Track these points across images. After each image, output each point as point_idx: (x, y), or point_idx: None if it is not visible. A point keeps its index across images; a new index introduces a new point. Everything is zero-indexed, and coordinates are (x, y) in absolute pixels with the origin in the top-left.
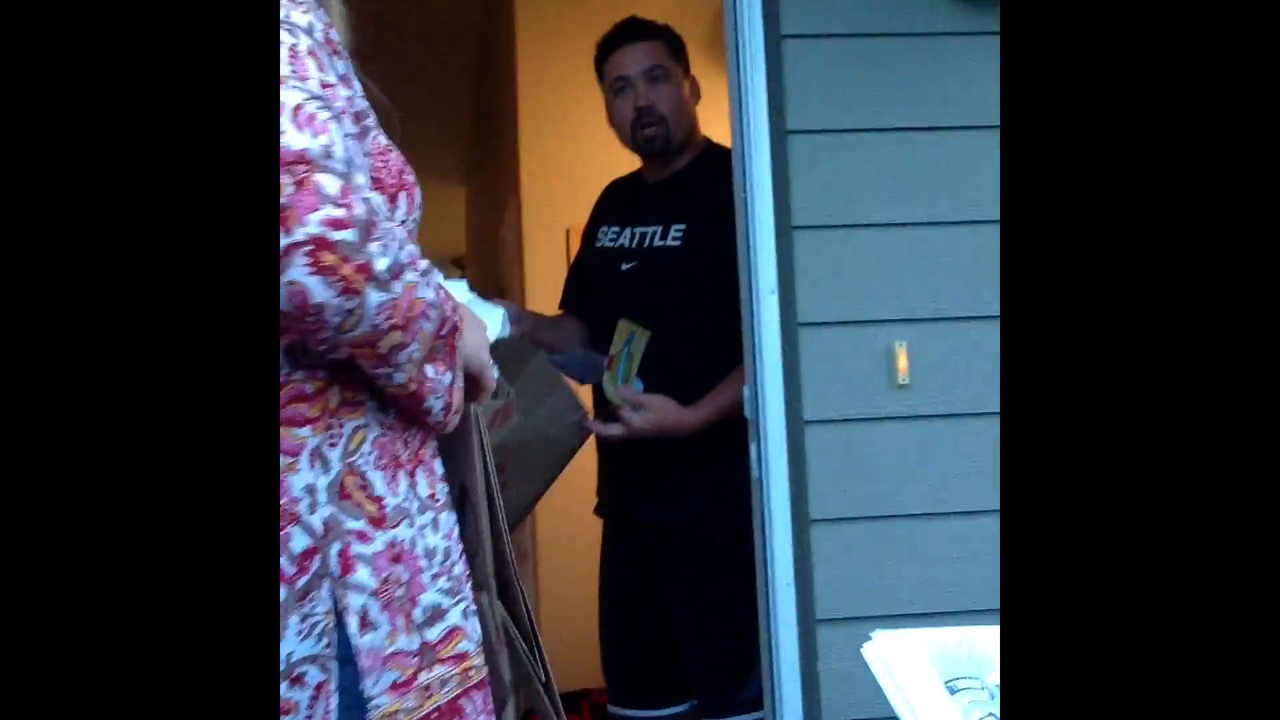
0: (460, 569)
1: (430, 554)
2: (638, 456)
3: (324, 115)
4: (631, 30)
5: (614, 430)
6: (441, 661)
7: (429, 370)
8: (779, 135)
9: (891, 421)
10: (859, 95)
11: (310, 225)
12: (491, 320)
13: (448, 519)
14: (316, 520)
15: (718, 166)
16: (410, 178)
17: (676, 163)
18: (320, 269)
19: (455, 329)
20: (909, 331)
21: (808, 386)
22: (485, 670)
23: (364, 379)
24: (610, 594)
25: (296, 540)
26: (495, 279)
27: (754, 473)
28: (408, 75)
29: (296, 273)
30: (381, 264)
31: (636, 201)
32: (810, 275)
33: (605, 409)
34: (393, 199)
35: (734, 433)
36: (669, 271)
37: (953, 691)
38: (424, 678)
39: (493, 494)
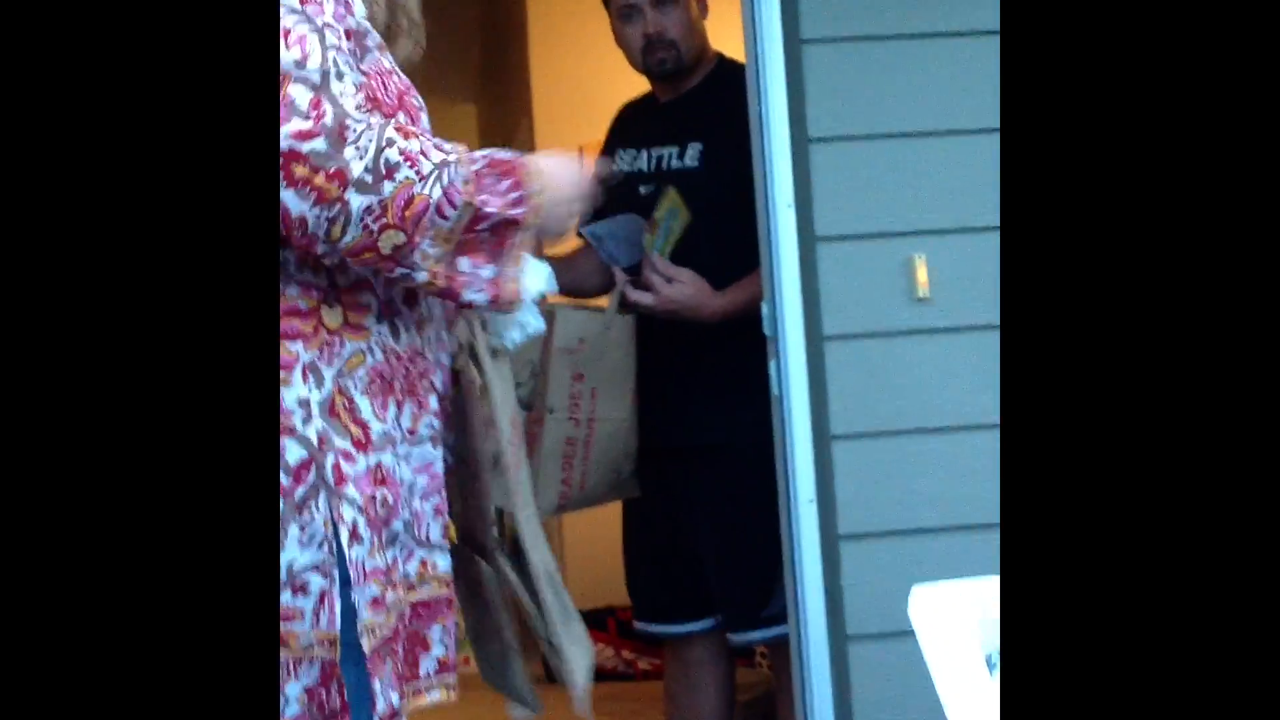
0: (421, 505)
1: (402, 483)
2: (661, 378)
3: (302, 28)
4: None
5: (645, 298)
6: (393, 586)
7: (463, 264)
8: (793, 44)
9: (912, 335)
10: (876, 2)
11: (281, 140)
12: (537, 276)
13: (421, 454)
14: (311, 433)
15: (731, 82)
16: (413, 100)
17: (689, 81)
18: (292, 182)
19: (509, 223)
20: (928, 244)
21: (826, 301)
22: (404, 604)
23: (373, 302)
24: (634, 513)
25: (291, 452)
26: None
27: (773, 389)
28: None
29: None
30: (357, 167)
31: (651, 123)
32: (827, 188)
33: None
34: (390, 119)
35: (757, 353)
36: (688, 193)
37: (993, 667)
38: (390, 597)
39: (501, 462)
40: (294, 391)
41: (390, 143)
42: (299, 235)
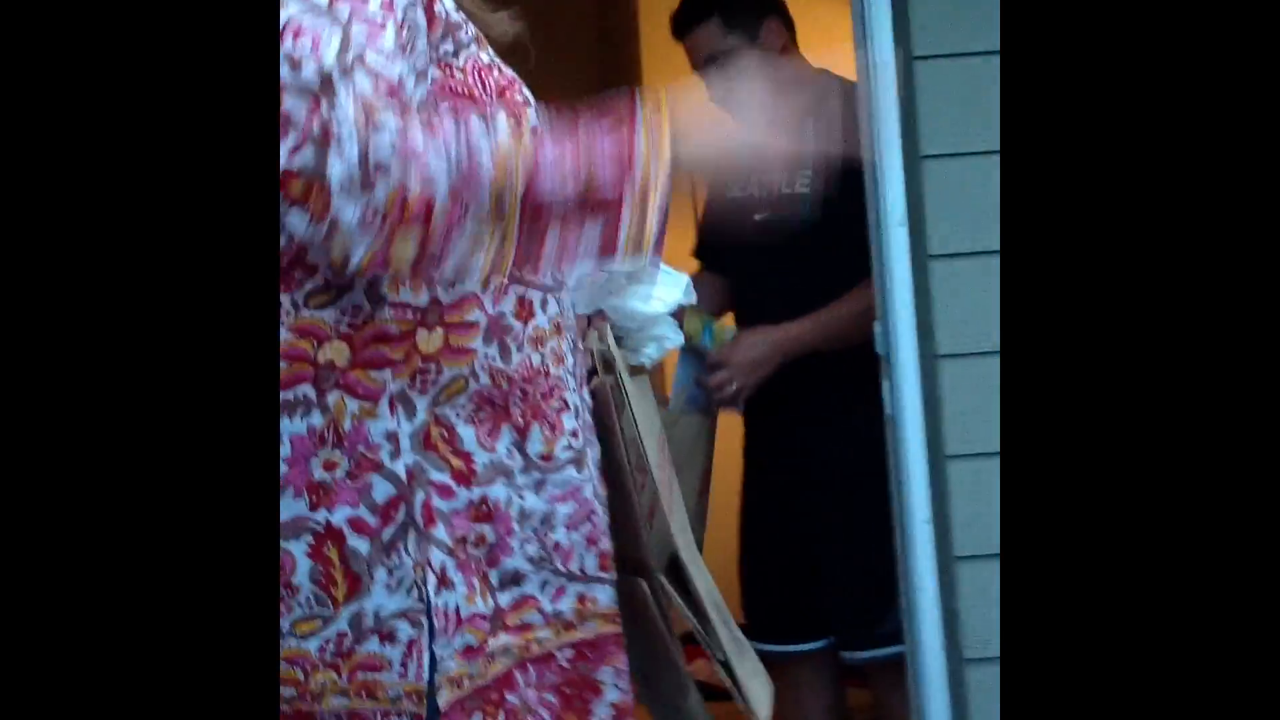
0: (568, 536)
1: (525, 516)
2: (774, 395)
3: (314, 25)
4: (681, 21)
5: (727, 396)
6: (507, 630)
7: (549, 240)
8: (905, 61)
9: None
10: (989, 16)
11: (282, 159)
12: (675, 288)
13: (563, 480)
14: (400, 467)
15: (834, 104)
16: (519, 97)
17: None
18: (292, 200)
19: (602, 204)
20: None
21: (940, 319)
22: (550, 645)
23: (481, 319)
24: (750, 529)
25: (379, 489)
26: None
27: (886, 409)
28: (525, 8)
29: (286, 214)
30: (337, 170)
31: None
32: (940, 206)
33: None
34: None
35: (867, 368)
36: (801, 219)
37: None
38: (491, 644)
39: (647, 472)
40: (380, 424)
41: (373, 137)
42: (312, 259)
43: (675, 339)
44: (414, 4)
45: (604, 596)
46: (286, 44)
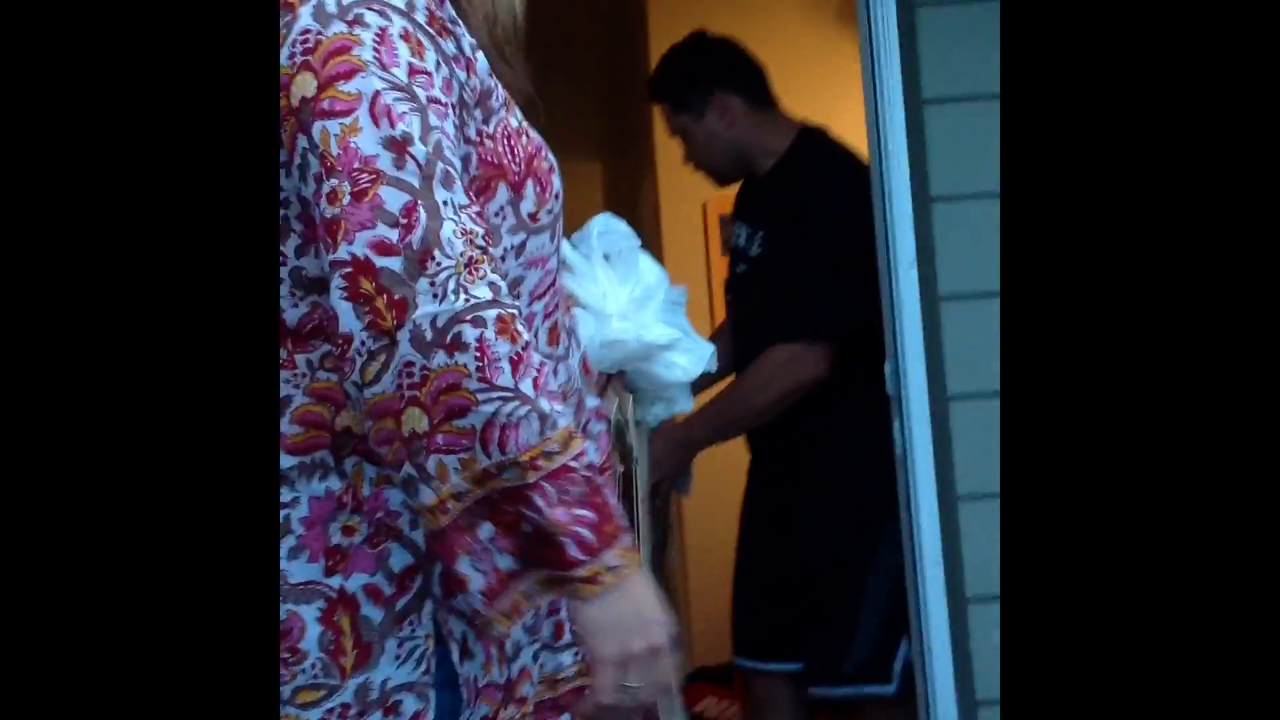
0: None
1: None
2: (764, 433)
3: (404, 107)
4: (651, 92)
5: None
6: (514, 702)
7: (483, 531)
8: (914, 105)
9: None
10: (995, 60)
11: (356, 244)
12: (700, 358)
13: None
14: (419, 536)
15: (803, 160)
16: (544, 164)
17: (762, 165)
18: (354, 295)
19: (557, 552)
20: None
21: (951, 360)
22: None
23: None
24: (740, 551)
25: (396, 557)
26: None
27: (896, 449)
28: (539, 48)
29: (332, 295)
30: (425, 309)
31: (746, 197)
32: (950, 247)
33: None
34: (516, 187)
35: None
36: (753, 282)
37: None
38: (501, 716)
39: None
40: (399, 492)
41: (476, 319)
42: (338, 351)
43: (685, 404)
44: (465, 79)
45: (567, 659)
46: (383, 124)
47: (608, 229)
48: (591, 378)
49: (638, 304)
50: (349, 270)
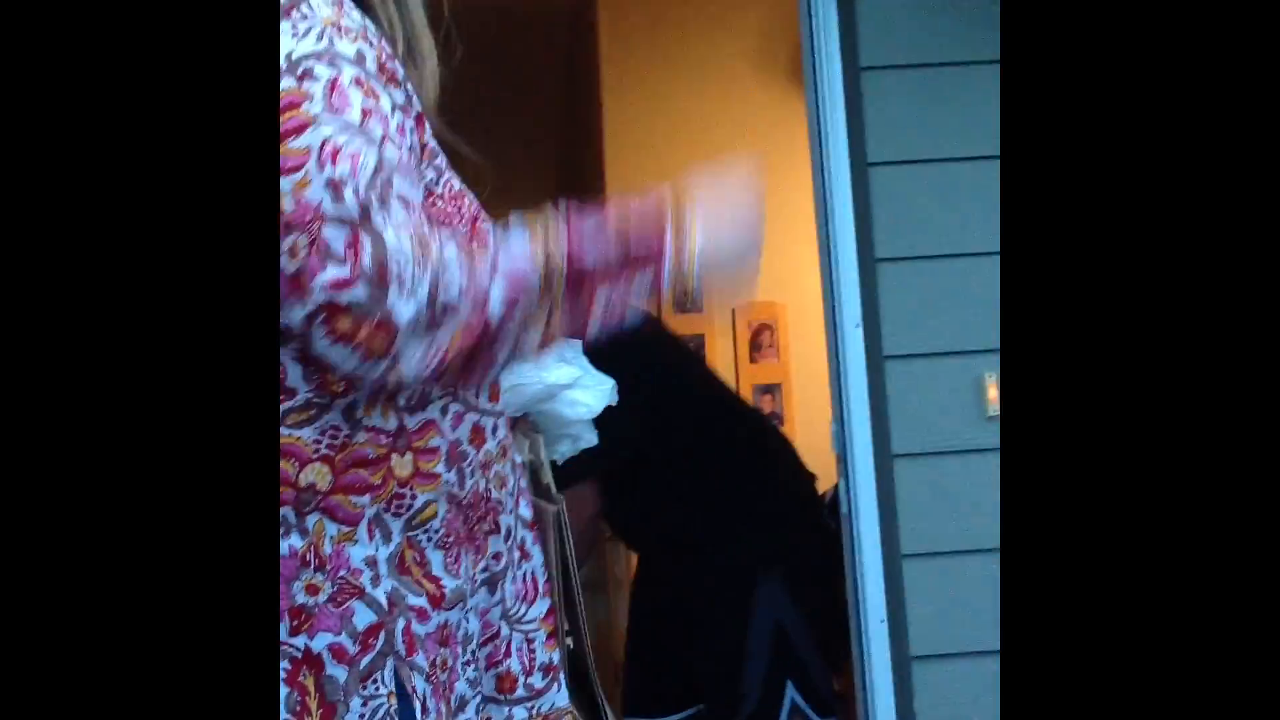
0: (482, 653)
1: (467, 639)
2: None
3: (352, 146)
4: None
5: None
6: None
7: (598, 302)
8: (860, 167)
9: (983, 453)
10: (940, 125)
11: (317, 291)
12: (600, 392)
13: (483, 599)
14: (380, 594)
15: None
16: (486, 225)
17: None
18: (338, 337)
19: (638, 260)
20: (999, 362)
21: (895, 420)
22: None
23: (441, 445)
24: (632, 610)
25: (360, 615)
26: None
27: (842, 508)
28: (497, 105)
29: (319, 346)
30: (407, 312)
31: None
32: (895, 308)
33: None
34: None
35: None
36: None
37: None
38: None
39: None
40: (360, 549)
41: (449, 273)
42: (361, 386)
43: (590, 439)
44: (414, 129)
45: (497, 716)
46: (326, 168)
47: None
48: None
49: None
50: (323, 317)
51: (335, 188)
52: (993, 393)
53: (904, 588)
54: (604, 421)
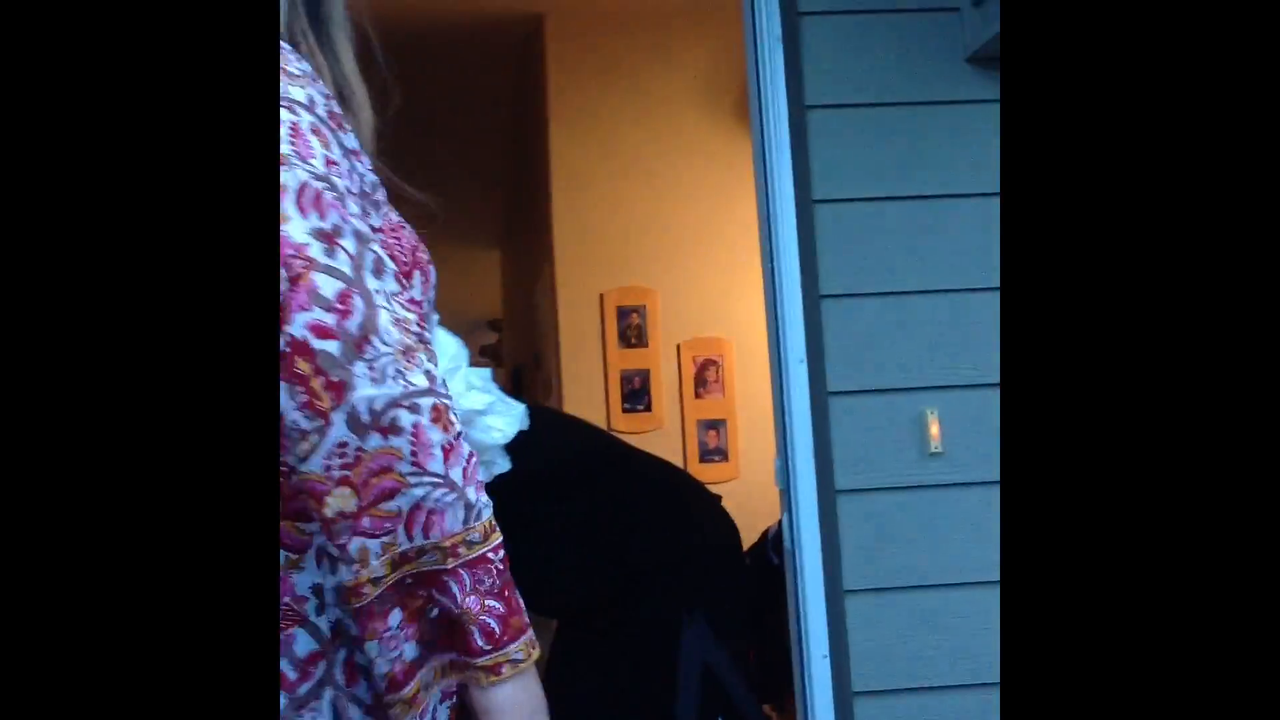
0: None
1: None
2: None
3: (329, 197)
4: None
5: None
6: None
7: (393, 618)
8: (804, 204)
9: (925, 490)
10: (884, 163)
11: (295, 326)
12: (513, 417)
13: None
14: (324, 623)
15: None
16: (424, 255)
17: None
18: (289, 376)
19: (462, 634)
20: (941, 399)
21: (839, 456)
22: None
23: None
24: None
25: (301, 643)
26: (531, 342)
27: (786, 543)
28: (444, 136)
29: None
30: (363, 392)
31: None
32: (838, 344)
33: None
34: (406, 277)
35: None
36: None
37: None
38: None
39: None
40: (306, 577)
41: (413, 405)
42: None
43: (503, 465)
44: (364, 176)
45: None
46: (310, 215)
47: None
48: None
49: (448, 375)
50: (286, 351)
51: (327, 240)
52: (934, 429)
53: (846, 623)
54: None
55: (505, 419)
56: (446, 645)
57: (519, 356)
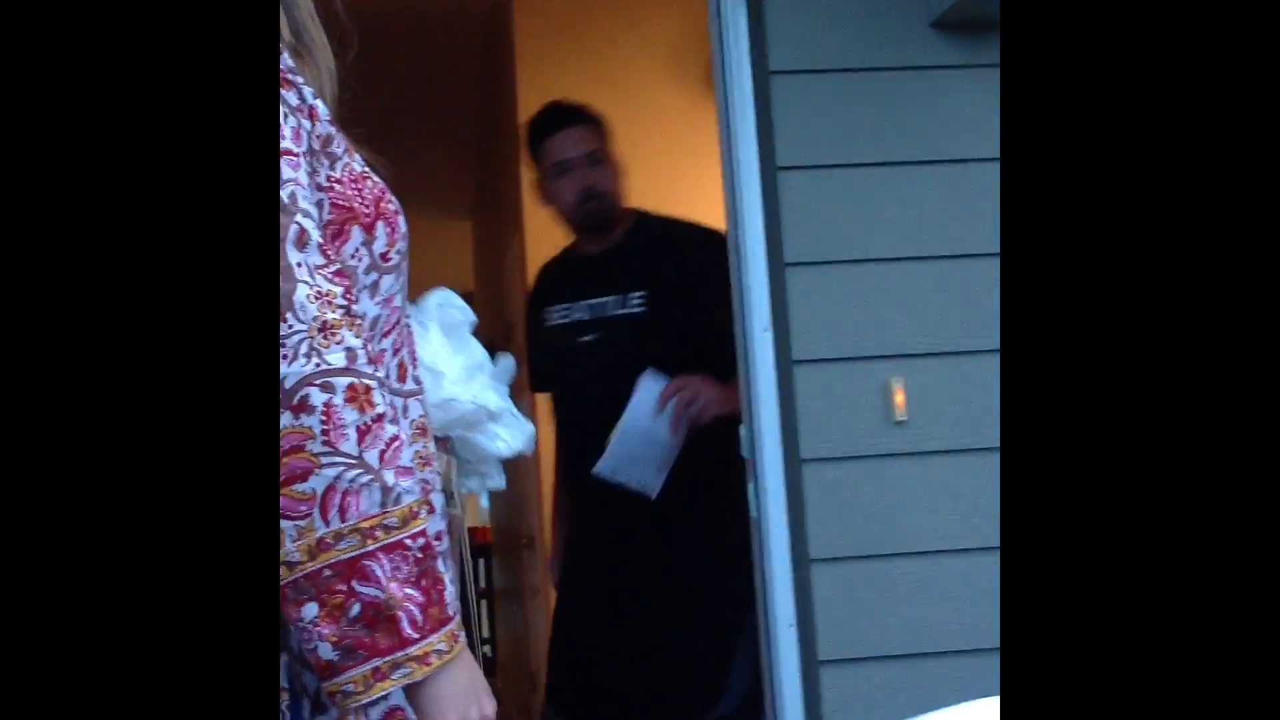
0: None
1: None
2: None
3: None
4: (569, 115)
5: (687, 394)
6: None
7: (307, 611)
8: (769, 172)
9: (890, 459)
10: (849, 130)
11: None
12: (522, 434)
13: None
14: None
15: (657, 234)
16: (391, 205)
17: (613, 235)
18: None
19: (387, 621)
20: (906, 367)
21: (804, 425)
22: None
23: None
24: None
25: None
26: (503, 314)
27: (751, 512)
28: (412, 108)
29: None
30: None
31: (582, 276)
32: (804, 312)
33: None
34: (368, 229)
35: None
36: (633, 338)
37: None
38: None
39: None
40: None
41: (325, 384)
42: None
43: (499, 481)
44: (312, 131)
45: None
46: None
47: (445, 302)
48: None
49: (469, 372)
50: None
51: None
52: (899, 398)
53: (812, 592)
54: None
55: (513, 433)
56: (369, 648)
57: (491, 329)
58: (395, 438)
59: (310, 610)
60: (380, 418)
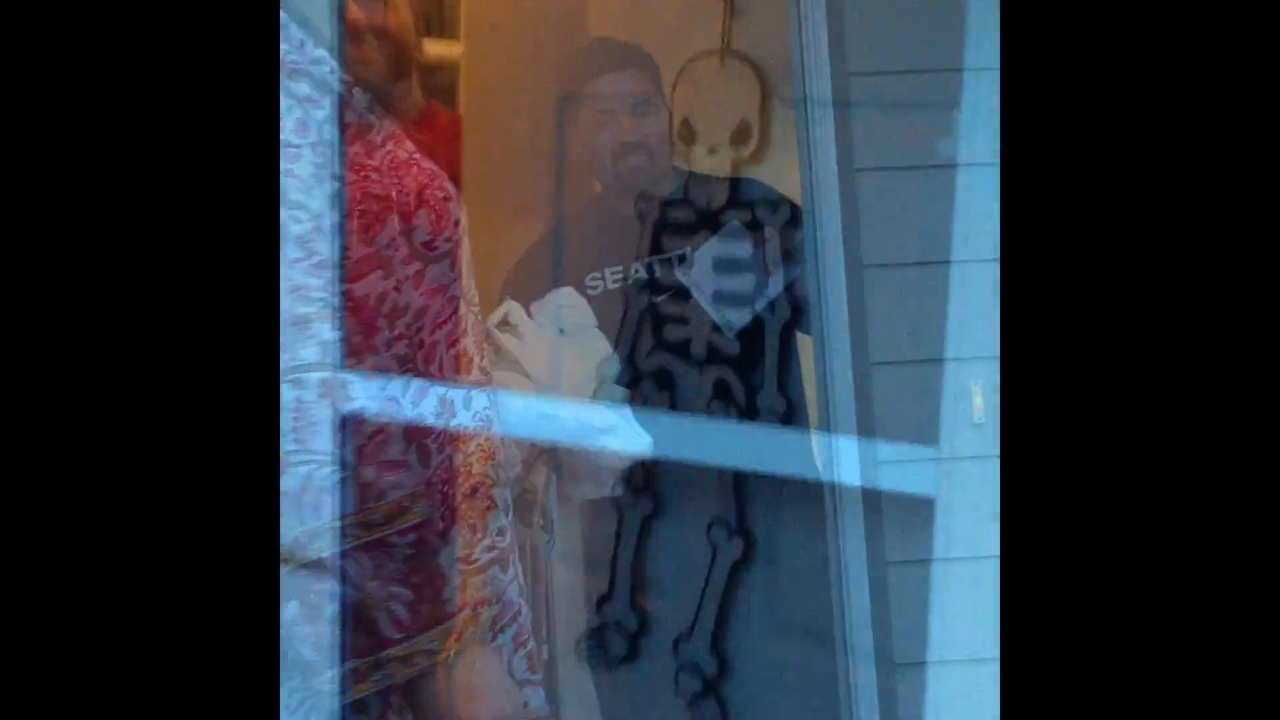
0: (505, 637)
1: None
2: None
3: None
4: (620, 55)
5: None
6: None
7: (289, 609)
8: (847, 172)
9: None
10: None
11: None
12: (636, 443)
13: (497, 579)
14: None
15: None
16: (439, 193)
17: (660, 188)
18: None
19: None
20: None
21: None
22: None
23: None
24: None
25: None
26: None
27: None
28: None
29: None
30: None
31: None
32: (880, 315)
33: None
34: (407, 217)
35: None
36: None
37: None
38: None
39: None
40: None
41: (296, 380)
42: None
43: (615, 489)
44: (329, 120)
45: (535, 699)
46: None
47: (569, 304)
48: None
49: (587, 380)
50: None
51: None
52: (978, 400)
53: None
54: None
55: (625, 442)
56: (345, 649)
57: None
58: (381, 431)
59: (291, 609)
60: (360, 412)
